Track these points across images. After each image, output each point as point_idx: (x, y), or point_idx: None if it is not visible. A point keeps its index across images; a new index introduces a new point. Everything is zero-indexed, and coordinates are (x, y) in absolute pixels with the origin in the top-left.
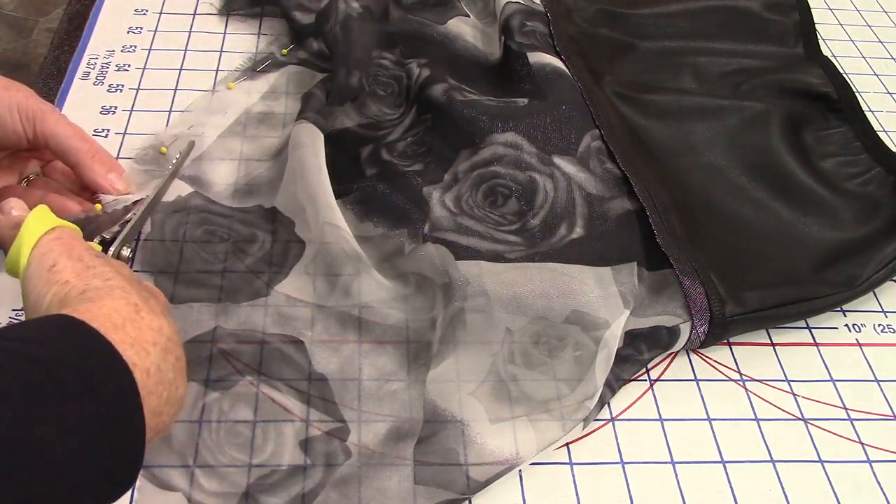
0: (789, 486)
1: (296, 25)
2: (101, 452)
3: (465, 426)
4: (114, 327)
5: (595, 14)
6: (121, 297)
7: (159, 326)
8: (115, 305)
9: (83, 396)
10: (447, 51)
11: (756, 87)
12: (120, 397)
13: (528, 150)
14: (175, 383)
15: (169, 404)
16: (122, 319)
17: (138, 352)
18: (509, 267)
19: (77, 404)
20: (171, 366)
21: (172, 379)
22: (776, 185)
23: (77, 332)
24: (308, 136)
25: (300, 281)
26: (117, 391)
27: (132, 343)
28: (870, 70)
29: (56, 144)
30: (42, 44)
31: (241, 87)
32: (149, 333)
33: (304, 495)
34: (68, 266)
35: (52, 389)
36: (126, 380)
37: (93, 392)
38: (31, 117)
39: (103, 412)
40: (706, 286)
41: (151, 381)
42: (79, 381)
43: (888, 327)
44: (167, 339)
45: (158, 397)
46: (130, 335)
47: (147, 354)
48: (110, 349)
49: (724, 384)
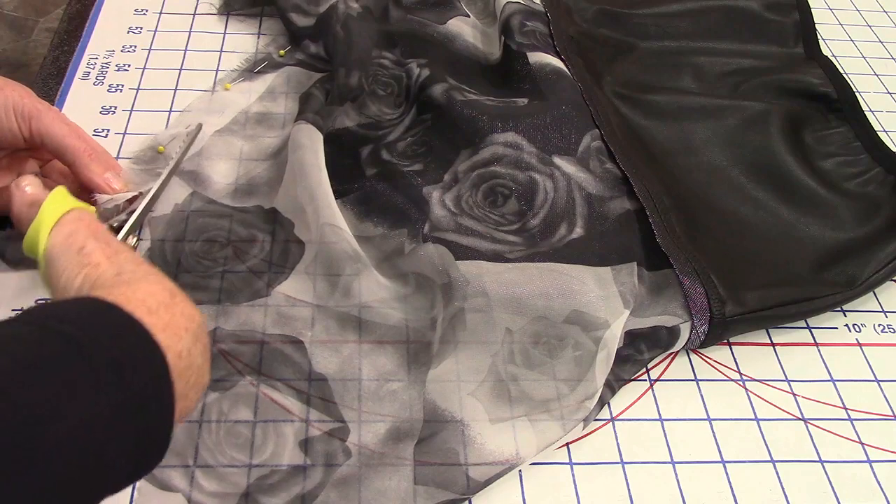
0: (789, 486)
1: (292, 27)
2: (131, 434)
3: (465, 426)
4: (148, 311)
5: (595, 14)
6: (156, 281)
7: (191, 313)
8: (150, 289)
9: (114, 378)
10: (447, 51)
11: (756, 87)
12: (151, 379)
13: (528, 150)
14: (202, 369)
15: (195, 389)
16: (156, 304)
17: (170, 336)
18: (509, 267)
19: (108, 386)
20: (199, 351)
21: (201, 365)
22: (776, 185)
23: (112, 314)
24: (307, 137)
25: (300, 281)
26: (149, 373)
27: (164, 327)
28: (870, 70)
29: (52, 143)
30: (42, 44)
31: (238, 88)
32: (181, 319)
33: (304, 496)
34: (97, 249)
35: (83, 369)
36: (158, 362)
37: (123, 374)
38: (27, 116)
39: (134, 393)
40: (706, 286)
41: (181, 364)
42: (111, 362)
43: (888, 327)
44: (198, 325)
45: (186, 381)
46: (163, 319)
47: (179, 339)
48: (144, 332)
49: (724, 384)
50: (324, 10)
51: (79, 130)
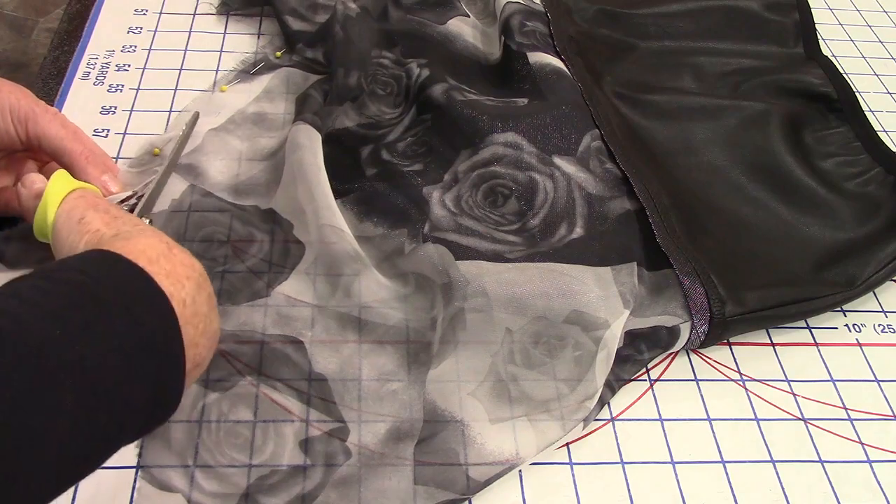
0: (789, 486)
1: (288, 30)
2: (145, 372)
3: (465, 426)
4: (149, 261)
5: (595, 14)
6: (153, 235)
7: (191, 263)
8: (148, 242)
9: (126, 319)
10: (447, 51)
11: (756, 87)
12: (160, 322)
13: (528, 150)
14: (209, 317)
15: (204, 336)
16: (156, 254)
17: (173, 283)
18: (509, 267)
19: (121, 326)
20: (204, 300)
21: (207, 312)
22: (776, 185)
23: (115, 262)
24: (306, 138)
25: (300, 282)
26: (157, 316)
27: (167, 275)
28: (870, 70)
29: (49, 146)
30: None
31: (234, 90)
32: (182, 268)
33: (304, 496)
34: (96, 217)
35: (96, 312)
36: (164, 306)
37: (134, 316)
38: (24, 119)
39: (146, 334)
40: (706, 286)
41: (187, 311)
42: (121, 305)
43: (888, 327)
44: (199, 274)
45: (195, 328)
46: (165, 268)
47: (182, 287)
48: (148, 278)
49: (724, 384)
50: (325, 20)
51: (77, 132)
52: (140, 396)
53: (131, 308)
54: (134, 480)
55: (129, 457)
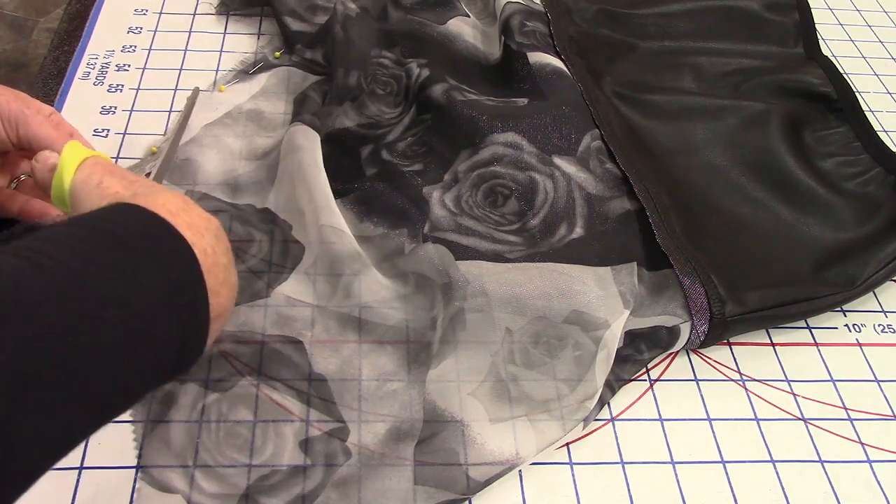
0: (789, 486)
1: (287, 31)
2: (173, 312)
3: (465, 426)
4: (169, 213)
5: (595, 14)
6: (170, 192)
7: (209, 217)
8: (167, 197)
9: (153, 263)
10: (447, 51)
11: (756, 87)
12: (184, 265)
13: (528, 150)
14: (229, 268)
15: (224, 287)
16: (175, 208)
17: (194, 233)
18: (509, 267)
19: (148, 269)
20: (223, 251)
21: (226, 263)
22: (776, 185)
23: (138, 213)
24: (304, 138)
25: (300, 282)
26: (181, 260)
27: (188, 226)
28: (870, 70)
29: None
30: (42, 44)
31: (233, 90)
32: (200, 220)
33: (304, 496)
34: (114, 181)
35: (125, 255)
36: (187, 252)
37: (160, 259)
38: (14, 121)
39: (172, 277)
40: (706, 286)
41: (209, 260)
42: (147, 249)
43: (888, 327)
44: (217, 227)
45: (216, 277)
46: (185, 220)
47: (202, 237)
48: (170, 226)
49: (724, 384)
50: (324, 21)
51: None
52: (169, 335)
53: (157, 253)
54: (134, 481)
55: (129, 457)
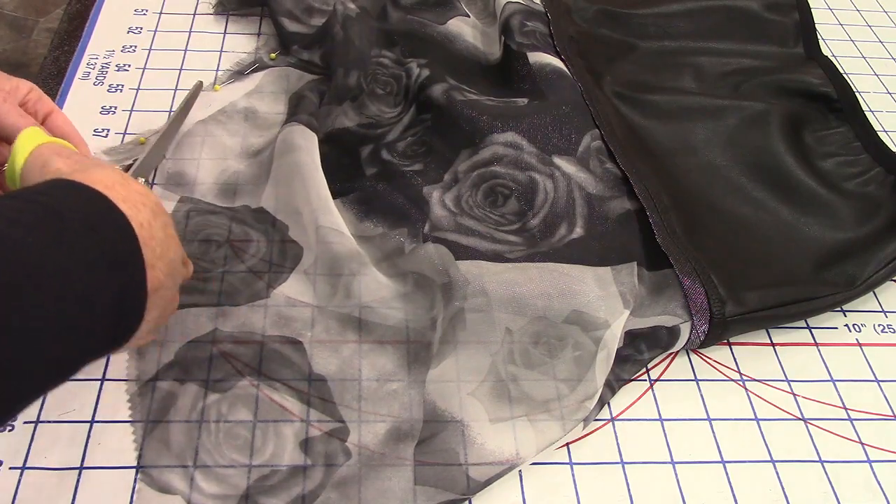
0: (789, 486)
1: (283, 32)
2: (110, 281)
3: (465, 426)
4: (105, 187)
5: (595, 14)
6: (109, 168)
7: (146, 192)
8: (104, 173)
9: (89, 233)
10: (447, 51)
11: (756, 87)
12: (120, 236)
13: (528, 150)
14: (166, 243)
15: (161, 261)
16: (111, 182)
17: (130, 207)
18: (509, 267)
19: (85, 239)
20: (160, 226)
21: (163, 238)
22: (776, 185)
23: (74, 187)
24: (302, 138)
25: (300, 282)
26: (117, 231)
27: (123, 199)
28: (870, 70)
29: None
30: (42, 44)
31: (227, 89)
32: (137, 196)
33: (304, 496)
34: (59, 161)
35: (62, 226)
36: (123, 223)
37: (97, 231)
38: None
39: (108, 247)
40: (706, 286)
41: (144, 233)
42: (83, 221)
43: (888, 327)
44: (154, 203)
45: (152, 251)
46: (121, 194)
47: (138, 211)
48: (106, 199)
49: (724, 384)
50: (322, 22)
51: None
52: (106, 305)
53: (93, 224)
54: (133, 481)
55: (129, 458)
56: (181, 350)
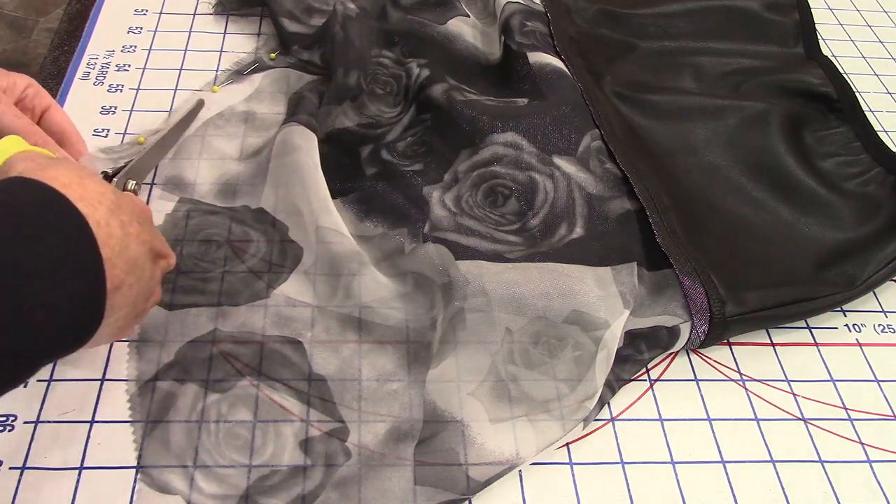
0: (789, 486)
1: (283, 32)
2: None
3: (465, 426)
4: (61, 185)
5: (595, 14)
6: (66, 166)
7: (103, 191)
8: (59, 171)
9: (45, 230)
10: (447, 51)
11: (756, 87)
12: (77, 233)
13: (528, 150)
14: (124, 241)
15: (120, 258)
16: (67, 180)
17: (86, 205)
18: (509, 267)
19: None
20: (118, 224)
21: (121, 236)
22: (776, 185)
23: (30, 185)
24: (302, 139)
25: (300, 282)
26: (74, 228)
27: (80, 198)
28: (870, 70)
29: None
30: (42, 44)
31: (226, 90)
32: (93, 194)
33: (304, 496)
34: (21, 164)
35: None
36: (79, 220)
37: (53, 227)
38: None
39: (65, 244)
40: (706, 286)
41: (102, 232)
42: (39, 217)
43: (888, 327)
44: (111, 202)
45: (110, 249)
46: (77, 192)
47: (94, 209)
48: (62, 197)
49: (724, 384)
50: (322, 22)
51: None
52: (65, 303)
53: (50, 222)
54: (133, 482)
55: (129, 458)
56: (181, 350)
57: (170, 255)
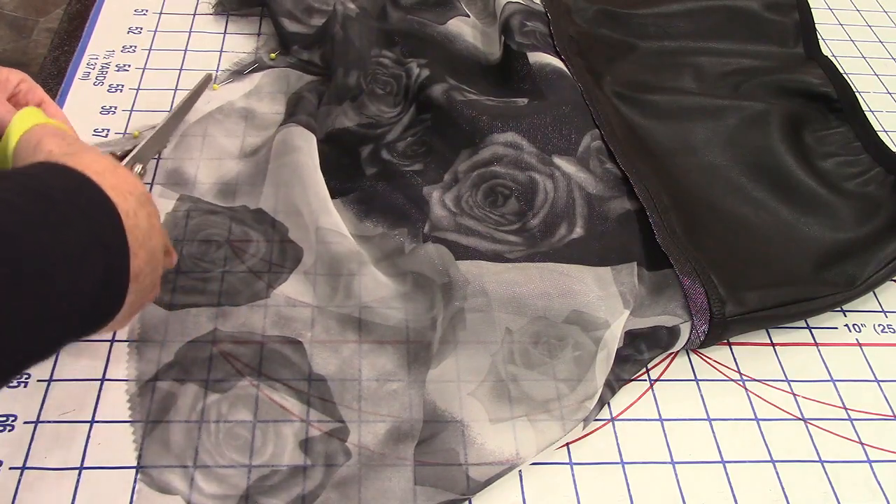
0: (789, 486)
1: (283, 32)
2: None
3: (465, 426)
4: (95, 173)
5: (595, 14)
6: (100, 153)
7: (134, 182)
8: (94, 158)
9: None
10: (447, 51)
11: (756, 87)
12: (107, 222)
13: (528, 150)
14: (150, 234)
15: (143, 249)
16: (101, 168)
17: (117, 195)
18: (509, 267)
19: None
20: (145, 216)
21: (147, 228)
22: (776, 185)
23: (64, 170)
24: (302, 139)
25: (300, 283)
26: (104, 215)
27: (112, 187)
28: (870, 70)
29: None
30: (42, 44)
31: (226, 89)
32: (125, 185)
33: (304, 496)
34: (52, 142)
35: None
36: (110, 207)
37: (83, 212)
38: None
39: (94, 229)
40: (706, 286)
41: (130, 221)
42: (70, 202)
43: (888, 327)
44: (141, 193)
45: (135, 238)
46: (109, 181)
47: (125, 199)
48: (94, 184)
49: (724, 384)
50: (322, 22)
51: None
52: (90, 288)
53: (81, 208)
54: (133, 482)
55: (129, 458)
56: (181, 350)
57: (173, 252)
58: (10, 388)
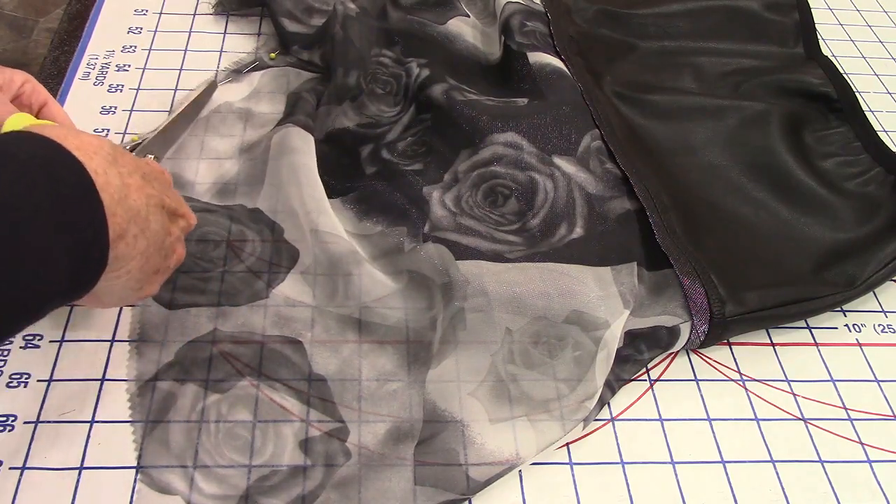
0: (789, 486)
1: (282, 32)
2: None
3: (465, 426)
4: (58, 137)
5: (595, 14)
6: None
7: (99, 143)
8: (55, 129)
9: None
10: (447, 51)
11: (756, 87)
12: (77, 179)
13: (528, 150)
14: (124, 190)
15: (121, 206)
16: (63, 133)
17: (83, 154)
18: (509, 267)
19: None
20: (116, 173)
21: (120, 185)
22: (776, 185)
23: (28, 136)
24: (300, 140)
25: (300, 283)
26: (73, 174)
27: (76, 148)
28: (870, 70)
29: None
30: (42, 44)
31: (226, 89)
32: (89, 146)
33: (304, 497)
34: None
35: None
36: (77, 167)
37: (52, 174)
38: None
39: (64, 190)
40: (706, 286)
41: (100, 179)
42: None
43: (888, 327)
44: (107, 152)
45: (110, 196)
46: (73, 143)
47: (91, 158)
48: (59, 146)
49: (724, 384)
50: (322, 22)
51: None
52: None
53: (49, 168)
54: (133, 482)
55: (129, 458)
56: (181, 350)
57: (188, 214)
58: (10, 388)
